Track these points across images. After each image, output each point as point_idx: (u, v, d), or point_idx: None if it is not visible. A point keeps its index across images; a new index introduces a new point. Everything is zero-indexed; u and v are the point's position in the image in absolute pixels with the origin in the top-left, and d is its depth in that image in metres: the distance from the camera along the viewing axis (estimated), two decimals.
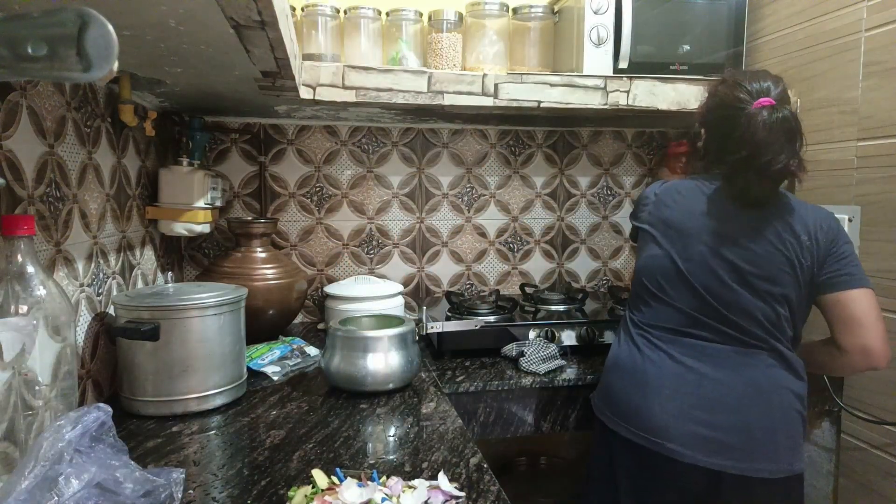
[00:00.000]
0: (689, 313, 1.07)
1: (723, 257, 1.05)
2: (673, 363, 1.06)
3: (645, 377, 1.07)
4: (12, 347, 0.64)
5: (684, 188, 1.15)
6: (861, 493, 1.40)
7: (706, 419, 1.01)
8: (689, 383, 1.03)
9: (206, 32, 0.76)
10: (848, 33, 1.40)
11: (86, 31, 0.42)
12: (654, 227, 1.13)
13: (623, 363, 1.12)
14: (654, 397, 1.04)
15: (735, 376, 1.03)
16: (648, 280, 1.12)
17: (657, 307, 1.10)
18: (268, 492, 0.75)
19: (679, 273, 1.07)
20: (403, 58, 1.51)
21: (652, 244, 1.13)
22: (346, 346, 1.11)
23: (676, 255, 1.08)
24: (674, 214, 1.12)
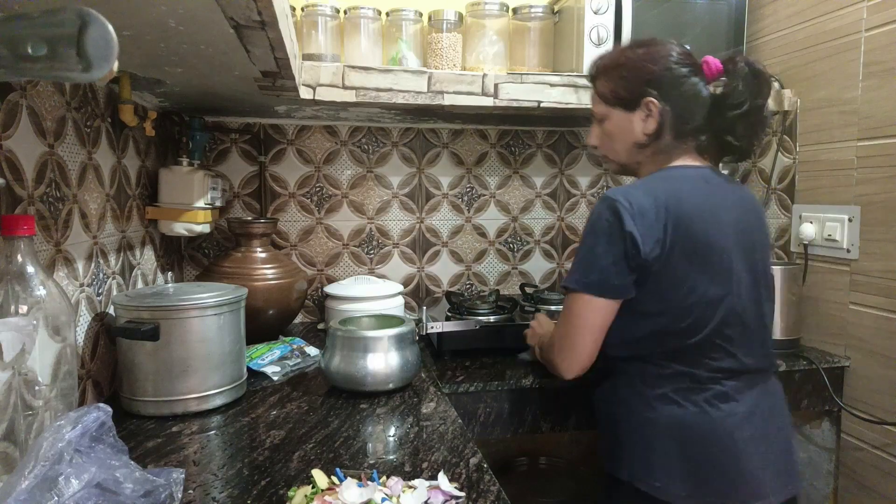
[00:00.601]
0: (724, 346, 0.95)
1: (748, 264, 0.97)
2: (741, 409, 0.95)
3: (730, 438, 0.93)
4: (12, 347, 0.64)
5: (686, 187, 0.97)
6: (861, 493, 1.40)
7: (769, 457, 0.95)
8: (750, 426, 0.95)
9: (205, 32, 0.76)
10: (848, 33, 1.40)
11: (86, 31, 0.42)
12: (684, 255, 0.93)
13: (701, 430, 0.94)
14: (745, 458, 0.93)
15: (763, 398, 0.98)
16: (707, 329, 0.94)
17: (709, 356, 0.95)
18: (268, 492, 0.75)
19: (730, 309, 0.94)
20: (403, 58, 1.51)
21: (683, 279, 0.93)
22: (346, 346, 1.11)
23: (718, 285, 0.94)
24: (698, 229, 0.93)
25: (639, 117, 1.01)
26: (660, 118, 0.99)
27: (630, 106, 1.01)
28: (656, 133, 1.01)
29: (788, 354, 1.43)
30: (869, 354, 1.37)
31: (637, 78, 1.00)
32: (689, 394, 0.94)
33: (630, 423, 0.98)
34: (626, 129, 1.03)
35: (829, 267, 1.47)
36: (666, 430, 0.94)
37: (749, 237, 0.99)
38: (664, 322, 0.94)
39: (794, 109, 1.57)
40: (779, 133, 1.61)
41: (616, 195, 0.94)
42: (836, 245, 1.43)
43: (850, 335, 1.41)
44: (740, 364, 0.95)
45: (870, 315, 1.36)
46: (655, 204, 0.92)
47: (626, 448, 0.98)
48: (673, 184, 0.97)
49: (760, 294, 0.99)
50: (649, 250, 0.91)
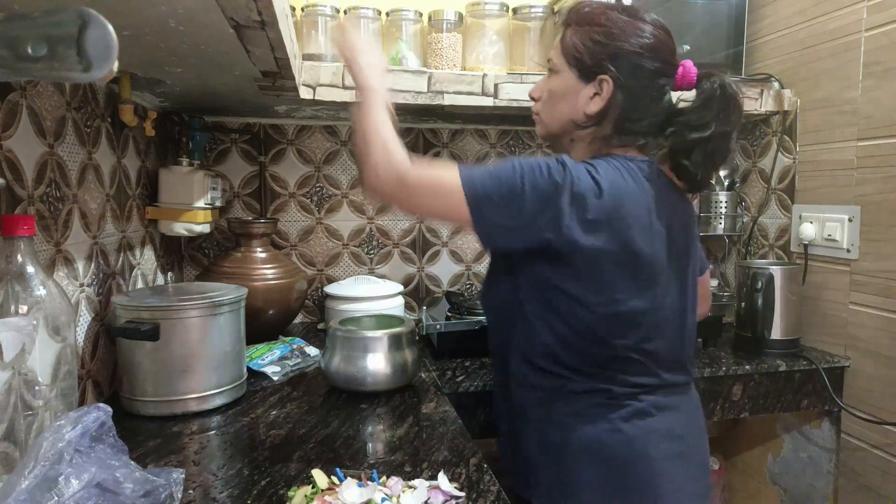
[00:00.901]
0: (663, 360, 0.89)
1: (678, 274, 0.89)
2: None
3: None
4: (12, 347, 0.64)
5: (630, 181, 0.84)
6: (861, 493, 1.40)
7: (686, 477, 0.90)
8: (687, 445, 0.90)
9: (206, 32, 0.76)
10: (848, 33, 1.40)
11: (86, 31, 0.42)
12: (619, 255, 0.82)
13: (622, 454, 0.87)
14: (662, 478, 0.87)
15: (681, 414, 0.92)
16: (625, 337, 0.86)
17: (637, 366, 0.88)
18: (268, 492, 0.75)
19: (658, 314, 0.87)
20: (403, 58, 1.51)
21: (619, 283, 0.84)
22: (346, 346, 1.11)
23: (657, 292, 0.86)
24: (635, 235, 0.83)
25: (588, 92, 0.88)
26: (607, 104, 0.87)
27: (586, 75, 0.88)
28: (597, 117, 0.88)
29: (788, 354, 1.43)
30: (869, 354, 1.37)
31: (604, 47, 0.86)
32: (605, 411, 0.86)
33: (542, 445, 0.89)
34: (571, 99, 0.89)
35: (829, 267, 1.47)
36: (580, 451, 0.86)
37: (682, 244, 0.90)
38: (582, 327, 0.85)
39: (794, 109, 1.57)
40: (779, 133, 1.61)
41: (572, 163, 0.83)
42: (836, 245, 1.43)
43: (850, 335, 1.41)
44: (659, 379, 0.88)
45: (870, 315, 1.36)
46: (600, 192, 0.81)
47: (538, 471, 0.89)
48: (618, 175, 0.83)
49: (686, 305, 0.91)
50: (582, 234, 0.80)
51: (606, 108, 0.87)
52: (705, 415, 1.36)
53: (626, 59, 0.85)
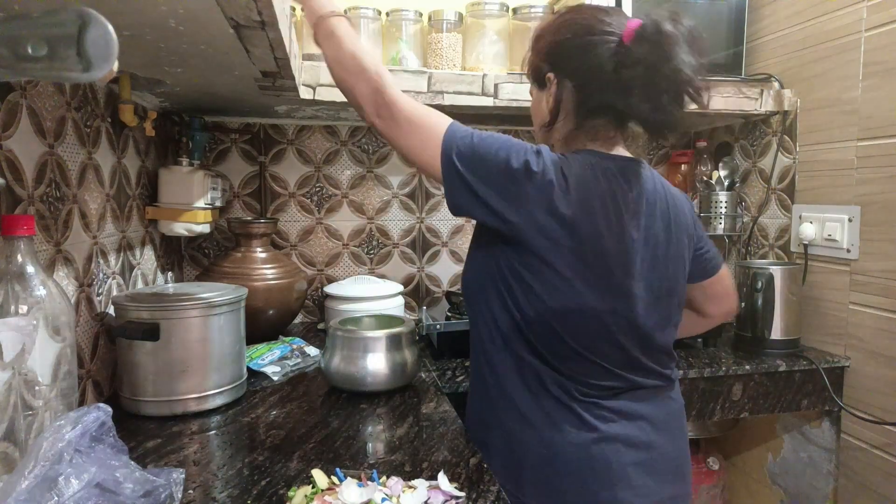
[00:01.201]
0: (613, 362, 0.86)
1: (651, 280, 0.87)
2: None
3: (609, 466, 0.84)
4: (12, 347, 0.64)
5: (601, 179, 0.83)
6: (861, 493, 1.40)
7: (651, 485, 0.87)
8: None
9: (206, 32, 0.76)
10: (848, 33, 1.40)
11: (86, 31, 0.42)
12: (568, 250, 0.81)
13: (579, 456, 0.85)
14: (622, 486, 0.84)
15: (653, 420, 0.89)
16: (569, 331, 0.84)
17: (585, 365, 0.85)
18: (268, 492, 0.75)
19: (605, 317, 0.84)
20: (403, 58, 1.51)
21: (567, 275, 0.82)
22: (346, 346, 1.11)
23: (601, 292, 0.83)
24: (601, 231, 0.82)
25: (545, 96, 0.91)
26: (556, 95, 0.88)
27: (540, 83, 0.92)
28: (555, 110, 0.89)
29: (788, 354, 1.43)
30: (869, 354, 1.37)
31: (541, 51, 0.90)
32: (566, 413, 0.85)
33: (501, 439, 0.89)
34: (537, 109, 0.94)
35: (829, 267, 1.47)
36: (537, 454, 0.85)
37: (660, 248, 0.87)
38: (540, 321, 0.83)
39: (794, 109, 1.57)
40: (779, 133, 1.61)
41: (556, 158, 0.83)
42: (836, 245, 1.43)
43: (850, 335, 1.41)
44: (624, 381, 0.86)
45: (870, 315, 1.36)
46: (566, 185, 0.80)
47: (493, 456, 0.89)
48: (586, 171, 0.83)
49: (663, 310, 0.89)
50: (541, 222, 0.79)
51: (559, 99, 0.89)
52: (705, 415, 1.37)
53: (555, 51, 0.89)
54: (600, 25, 0.85)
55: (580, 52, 0.85)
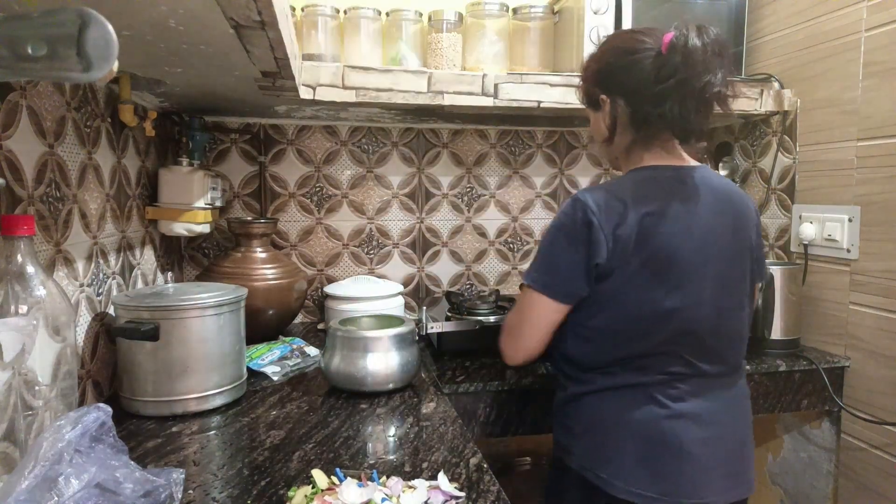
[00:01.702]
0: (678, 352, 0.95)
1: (718, 274, 0.95)
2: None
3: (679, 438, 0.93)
4: (12, 347, 0.64)
5: (660, 190, 0.94)
6: (861, 493, 1.40)
7: (718, 460, 0.96)
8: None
9: (205, 32, 0.76)
10: (848, 33, 1.40)
11: (86, 31, 0.42)
12: (643, 265, 0.91)
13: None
14: (689, 459, 0.93)
15: (720, 402, 0.98)
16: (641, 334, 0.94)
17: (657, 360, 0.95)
18: (268, 492, 0.75)
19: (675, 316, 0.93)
20: (403, 58, 1.51)
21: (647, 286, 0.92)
22: (346, 346, 1.11)
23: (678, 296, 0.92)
24: (662, 239, 0.91)
25: (601, 116, 1.03)
26: (611, 113, 1.00)
27: (595, 106, 1.04)
28: (612, 126, 1.01)
29: (788, 354, 1.43)
30: (869, 354, 1.37)
31: (589, 79, 1.03)
32: (638, 392, 0.94)
33: (580, 417, 0.99)
34: (596, 129, 1.06)
35: (829, 267, 1.47)
36: (613, 425, 0.95)
37: (725, 245, 0.95)
38: (617, 327, 0.94)
39: (794, 109, 1.57)
40: (779, 133, 1.61)
41: (585, 197, 0.92)
42: (836, 245, 1.43)
43: (850, 335, 1.41)
44: (694, 369, 0.94)
45: (870, 315, 1.36)
46: (624, 209, 0.90)
47: (576, 439, 0.99)
48: (643, 187, 0.94)
49: (732, 302, 0.97)
50: (612, 257, 0.90)
51: (615, 116, 1.00)
52: None
53: (602, 75, 1.01)
54: (638, 45, 0.96)
55: (623, 71, 0.96)
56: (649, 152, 0.99)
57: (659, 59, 0.92)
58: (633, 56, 0.95)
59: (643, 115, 0.96)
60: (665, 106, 0.92)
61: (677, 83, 0.90)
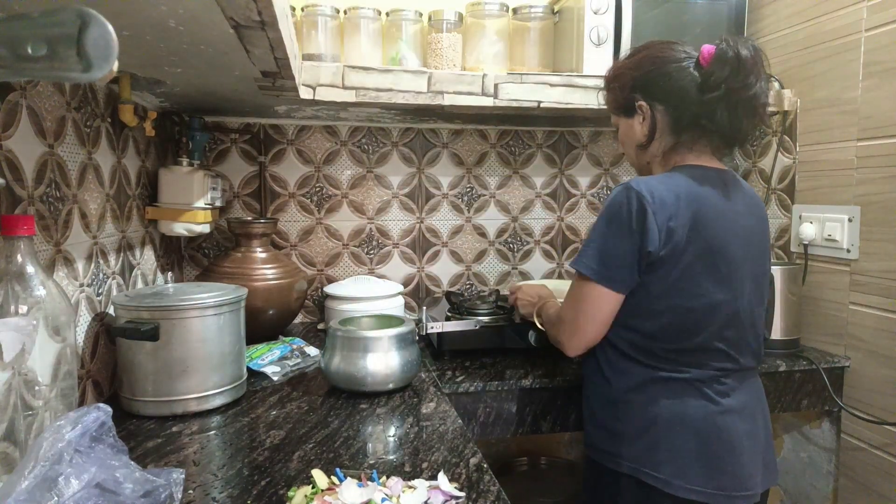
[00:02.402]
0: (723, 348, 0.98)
1: (752, 271, 1.00)
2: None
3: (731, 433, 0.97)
4: (12, 347, 0.64)
5: (707, 188, 0.98)
6: (861, 493, 1.40)
7: (757, 451, 1.00)
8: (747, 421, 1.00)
9: (206, 32, 0.76)
10: (848, 33, 1.40)
11: (86, 31, 0.42)
12: (696, 258, 0.94)
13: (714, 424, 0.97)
14: (740, 452, 0.97)
15: (751, 395, 1.02)
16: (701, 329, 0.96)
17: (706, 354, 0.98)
18: (268, 492, 0.75)
19: (731, 311, 0.97)
20: (403, 58, 1.51)
21: (700, 281, 0.95)
22: (346, 346, 1.11)
23: (729, 288, 0.97)
24: (713, 233, 0.95)
25: (637, 121, 1.06)
26: (651, 118, 1.03)
27: (628, 112, 1.07)
28: (651, 132, 1.04)
29: (788, 354, 1.43)
30: (869, 354, 1.37)
31: (626, 86, 1.06)
32: (690, 388, 0.96)
33: (631, 418, 0.99)
34: (630, 134, 1.09)
35: (829, 267, 1.47)
36: (668, 424, 0.96)
37: (756, 244, 1.01)
38: (667, 320, 0.96)
39: (794, 109, 1.57)
40: (779, 133, 1.61)
41: (639, 186, 0.94)
42: (836, 245, 1.43)
43: (850, 335, 1.41)
44: (736, 363, 0.98)
45: (870, 315, 1.36)
46: (677, 201, 0.93)
47: (626, 442, 0.99)
48: (693, 183, 0.97)
49: (758, 299, 1.02)
50: (664, 248, 0.92)
51: (654, 122, 1.04)
52: None
53: (642, 82, 1.04)
54: (677, 54, 1.01)
55: (665, 79, 1.01)
56: (690, 155, 1.03)
57: (706, 70, 0.96)
58: (675, 64, 1.00)
59: (689, 122, 1.00)
60: (715, 114, 0.97)
61: (728, 92, 0.94)
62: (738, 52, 0.94)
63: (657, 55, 1.03)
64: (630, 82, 1.05)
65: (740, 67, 0.93)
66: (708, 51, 0.97)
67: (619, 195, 0.96)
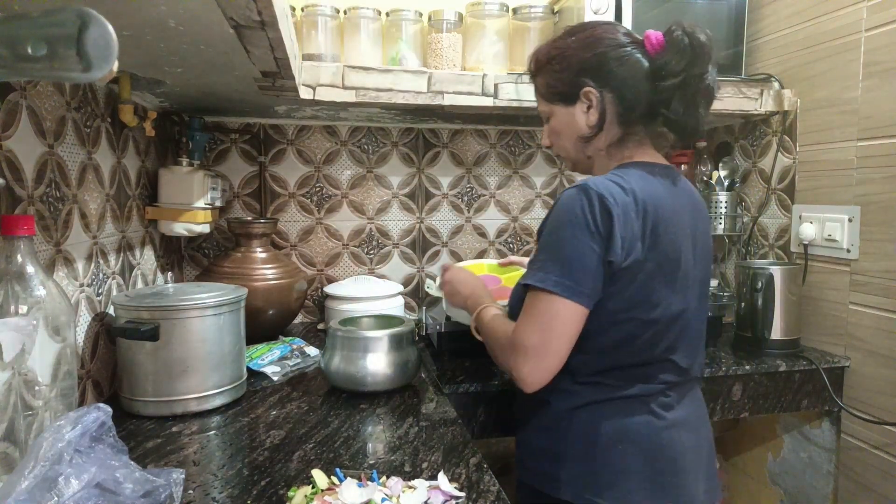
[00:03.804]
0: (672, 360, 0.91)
1: (700, 274, 0.93)
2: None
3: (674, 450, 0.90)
4: (12, 347, 0.64)
5: (658, 186, 0.89)
6: (861, 494, 1.40)
7: (700, 466, 0.93)
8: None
9: (206, 32, 0.76)
10: (848, 33, 1.40)
11: (86, 31, 0.42)
12: (656, 267, 0.86)
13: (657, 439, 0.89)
14: (683, 468, 0.90)
15: (693, 407, 0.95)
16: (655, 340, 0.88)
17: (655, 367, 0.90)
18: (268, 492, 0.75)
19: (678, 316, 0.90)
20: (403, 58, 1.51)
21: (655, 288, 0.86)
22: (346, 346, 1.11)
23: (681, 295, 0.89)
24: (669, 238, 0.87)
25: (580, 109, 0.93)
26: (601, 107, 0.91)
27: (570, 99, 0.94)
28: (599, 123, 0.92)
29: (788, 354, 1.43)
30: (869, 354, 1.37)
31: (570, 69, 0.92)
32: (635, 404, 0.88)
33: (571, 439, 0.89)
34: (570, 124, 0.95)
35: (829, 267, 1.47)
36: (610, 442, 0.87)
37: (702, 246, 0.94)
38: (623, 335, 0.86)
39: (794, 109, 1.57)
40: (779, 133, 1.61)
41: (597, 186, 0.83)
42: (836, 245, 1.43)
43: (850, 335, 1.41)
44: (684, 375, 0.91)
45: (870, 315, 1.36)
46: (636, 206, 0.83)
47: (567, 464, 0.89)
48: (648, 182, 0.87)
49: (704, 305, 0.96)
50: (626, 259, 0.83)
51: (603, 111, 0.92)
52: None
53: (592, 64, 0.91)
54: (623, 38, 0.92)
55: (619, 62, 0.90)
56: (638, 149, 0.93)
57: (657, 57, 0.88)
58: (623, 48, 0.90)
59: (641, 112, 0.91)
60: (670, 104, 0.88)
61: (686, 80, 0.86)
62: (697, 39, 0.86)
63: (605, 36, 0.91)
64: (576, 65, 0.92)
65: (701, 55, 0.86)
66: (656, 37, 0.89)
67: (576, 198, 0.83)
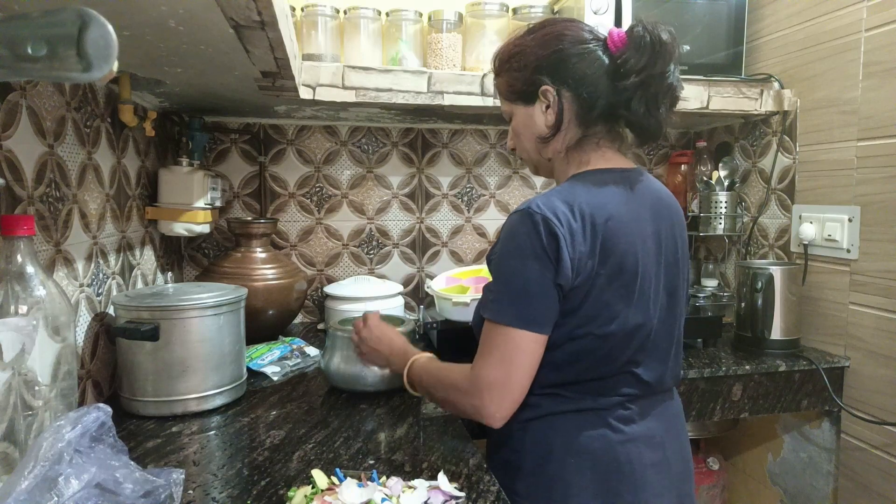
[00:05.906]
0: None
1: (667, 283, 0.88)
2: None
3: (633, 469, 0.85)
4: (12, 347, 0.64)
5: (612, 195, 0.85)
6: (861, 494, 1.40)
7: (666, 484, 0.89)
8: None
9: (205, 33, 0.76)
10: (848, 33, 1.40)
11: (86, 31, 0.42)
12: (607, 281, 0.82)
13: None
14: (643, 485, 0.86)
15: (663, 420, 0.91)
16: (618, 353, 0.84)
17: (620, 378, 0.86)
18: (268, 492, 0.75)
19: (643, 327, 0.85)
20: (403, 58, 1.51)
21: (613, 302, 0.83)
22: (346, 346, 1.11)
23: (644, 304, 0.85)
24: (623, 250, 0.82)
25: (539, 109, 0.90)
26: (558, 106, 0.87)
27: (528, 99, 0.91)
28: (558, 122, 0.88)
29: (788, 354, 1.43)
30: (869, 354, 1.36)
31: (528, 67, 0.89)
32: (590, 417, 0.85)
33: (527, 450, 0.87)
34: (529, 125, 0.92)
35: (829, 267, 1.47)
36: (563, 456, 0.84)
37: (669, 252, 0.89)
38: (577, 349, 0.83)
39: (794, 109, 1.57)
40: (779, 133, 1.61)
41: (541, 209, 0.80)
42: (836, 245, 1.43)
43: (850, 335, 1.41)
44: (646, 388, 0.87)
45: (870, 315, 1.36)
46: (582, 221, 0.80)
47: (522, 476, 0.87)
48: (597, 194, 0.83)
49: (675, 313, 0.90)
50: (577, 279, 0.79)
51: (561, 110, 0.88)
52: (705, 415, 1.37)
53: (549, 62, 0.88)
54: (585, 34, 0.87)
55: (577, 60, 0.86)
56: (596, 153, 0.90)
57: (618, 55, 0.84)
58: (583, 45, 0.86)
59: (601, 112, 0.87)
60: (630, 104, 0.84)
61: (647, 79, 0.83)
62: (658, 37, 0.82)
63: (565, 33, 0.88)
64: (534, 63, 0.89)
65: (662, 53, 0.82)
66: (618, 34, 0.85)
67: (522, 224, 0.80)
